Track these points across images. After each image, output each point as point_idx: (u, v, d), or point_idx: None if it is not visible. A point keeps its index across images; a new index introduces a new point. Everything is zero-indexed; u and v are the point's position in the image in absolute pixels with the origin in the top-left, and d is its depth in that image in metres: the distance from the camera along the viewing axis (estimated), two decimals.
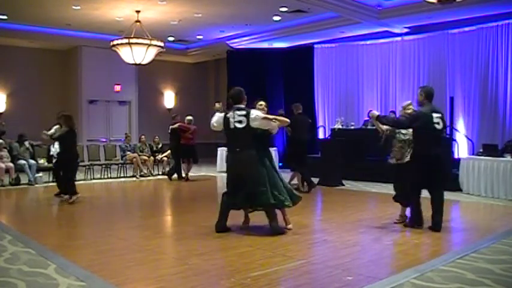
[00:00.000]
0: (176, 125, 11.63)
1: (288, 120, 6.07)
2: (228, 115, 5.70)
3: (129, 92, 15.65)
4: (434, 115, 5.79)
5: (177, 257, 4.85)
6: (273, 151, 10.09)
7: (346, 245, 5.25)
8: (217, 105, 10.43)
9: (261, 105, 5.94)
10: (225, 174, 6.43)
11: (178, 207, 8.70)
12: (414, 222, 5.97)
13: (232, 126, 5.64)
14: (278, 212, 5.79)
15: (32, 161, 11.03)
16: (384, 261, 4.64)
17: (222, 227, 5.74)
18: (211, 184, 11.69)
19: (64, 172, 8.50)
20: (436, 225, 5.76)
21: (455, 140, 10.70)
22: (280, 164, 11.86)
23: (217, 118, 5.83)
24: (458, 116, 11.29)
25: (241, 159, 5.65)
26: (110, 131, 15.31)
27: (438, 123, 5.80)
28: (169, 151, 12.58)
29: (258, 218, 5.90)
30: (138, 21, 11.38)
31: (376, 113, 6.12)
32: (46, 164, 11.28)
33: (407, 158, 6.01)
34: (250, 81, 14.88)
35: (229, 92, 6.05)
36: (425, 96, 5.92)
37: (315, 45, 14.29)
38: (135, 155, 12.55)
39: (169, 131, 11.82)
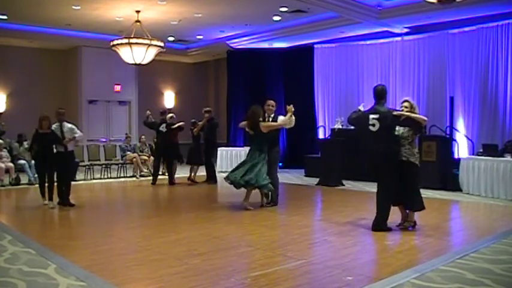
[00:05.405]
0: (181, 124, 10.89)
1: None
2: None
3: (129, 92, 15.65)
4: (371, 116, 5.86)
5: (177, 257, 4.84)
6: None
7: (346, 245, 5.24)
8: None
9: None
10: (225, 175, 6.45)
11: (178, 207, 8.68)
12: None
13: None
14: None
15: (32, 161, 11.01)
16: (384, 261, 4.63)
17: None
18: (211, 184, 11.66)
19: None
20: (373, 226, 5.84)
21: (455, 140, 10.70)
22: (280, 164, 11.85)
23: None
24: (458, 116, 11.27)
25: None
26: (110, 131, 15.31)
27: (374, 124, 5.82)
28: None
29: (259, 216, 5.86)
30: (138, 21, 11.37)
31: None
32: None
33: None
34: (250, 81, 14.98)
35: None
36: (374, 96, 6.12)
37: (315, 45, 14.27)
38: (135, 155, 12.55)
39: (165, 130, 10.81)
